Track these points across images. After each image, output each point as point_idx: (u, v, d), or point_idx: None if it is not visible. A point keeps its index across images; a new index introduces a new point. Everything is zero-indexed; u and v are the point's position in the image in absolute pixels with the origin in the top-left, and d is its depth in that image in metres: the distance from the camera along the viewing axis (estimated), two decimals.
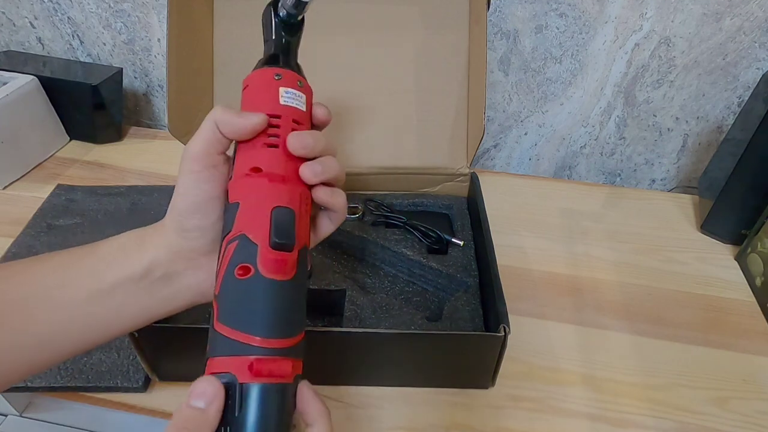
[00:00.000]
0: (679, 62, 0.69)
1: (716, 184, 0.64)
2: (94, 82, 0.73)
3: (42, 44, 0.85)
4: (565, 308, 0.56)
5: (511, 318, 0.41)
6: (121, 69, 0.79)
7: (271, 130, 0.30)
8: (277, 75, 0.33)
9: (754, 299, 0.58)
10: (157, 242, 0.31)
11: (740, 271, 0.62)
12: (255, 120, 0.30)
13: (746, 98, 0.68)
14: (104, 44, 0.83)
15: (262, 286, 0.27)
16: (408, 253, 0.54)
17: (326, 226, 0.36)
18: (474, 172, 0.60)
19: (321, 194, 0.32)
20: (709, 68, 0.68)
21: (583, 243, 0.65)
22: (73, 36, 0.83)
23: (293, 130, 0.31)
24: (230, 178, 0.30)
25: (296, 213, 0.29)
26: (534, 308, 0.56)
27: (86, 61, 0.85)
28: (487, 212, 0.53)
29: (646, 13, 0.65)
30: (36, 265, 0.30)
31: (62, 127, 0.78)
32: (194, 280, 0.32)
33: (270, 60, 0.34)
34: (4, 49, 0.86)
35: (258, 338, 0.26)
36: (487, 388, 0.47)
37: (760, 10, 0.62)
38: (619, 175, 0.82)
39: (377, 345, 0.43)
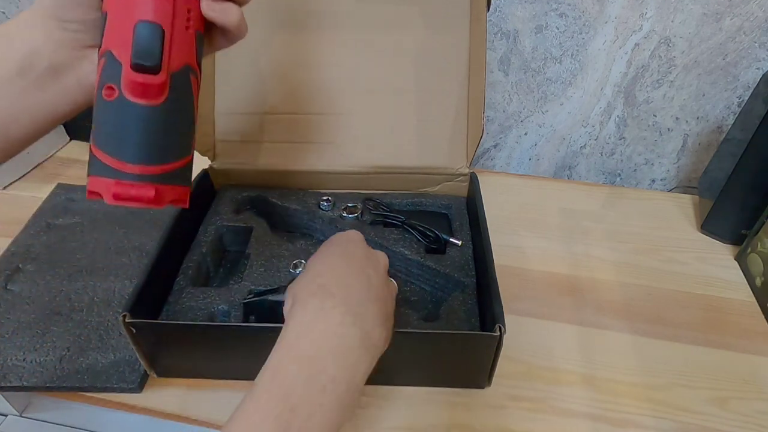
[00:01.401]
0: (679, 62, 0.69)
1: (716, 184, 0.64)
2: None
3: None
4: (564, 308, 0.56)
5: (510, 318, 0.41)
6: None
7: None
8: None
9: (754, 299, 0.58)
10: (31, 34, 0.28)
11: (740, 271, 0.62)
12: None
13: (746, 98, 0.68)
14: None
15: (125, 110, 0.26)
16: (406, 252, 0.54)
17: (220, 43, 0.32)
18: (473, 172, 0.60)
19: (206, 8, 0.28)
20: (709, 68, 0.68)
21: (583, 243, 0.65)
22: None
23: None
24: None
25: (166, 29, 0.26)
26: (534, 308, 0.56)
27: None
28: (486, 212, 0.53)
29: (646, 13, 0.65)
30: None
31: (62, 127, 0.78)
32: (83, 72, 0.30)
33: None
34: None
35: (120, 162, 0.25)
36: (483, 387, 0.47)
37: (760, 10, 0.62)
38: (619, 175, 0.82)
39: None
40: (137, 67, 0.25)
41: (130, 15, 0.25)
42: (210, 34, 0.30)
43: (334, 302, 0.31)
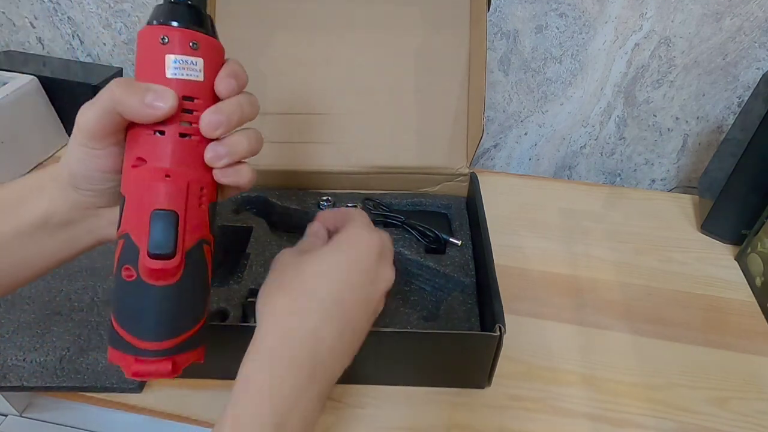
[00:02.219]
0: (679, 62, 0.69)
1: (716, 184, 0.64)
2: (94, 82, 0.73)
3: (42, 44, 0.85)
4: (564, 308, 0.56)
5: (510, 318, 0.41)
6: (121, 69, 0.79)
7: None
8: (163, 38, 0.26)
9: (754, 299, 0.58)
10: (47, 197, 0.30)
11: (740, 271, 0.62)
12: (159, 111, 0.26)
13: (746, 98, 0.68)
14: (104, 44, 0.83)
15: (143, 292, 0.27)
16: (405, 252, 0.54)
17: (231, 193, 0.33)
18: (473, 172, 0.60)
19: (221, 176, 0.29)
20: (709, 68, 0.68)
21: (583, 243, 0.65)
22: (73, 36, 0.83)
23: (184, 110, 0.27)
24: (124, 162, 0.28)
25: (180, 213, 0.27)
26: (533, 308, 0.56)
27: (86, 61, 0.85)
28: (486, 212, 0.53)
29: (646, 13, 0.65)
30: None
31: (62, 127, 0.78)
32: (94, 226, 0.31)
33: (160, 12, 0.27)
34: (4, 49, 0.86)
35: (138, 340, 0.27)
36: (483, 387, 0.47)
37: (760, 10, 0.62)
38: (619, 175, 0.82)
39: (374, 344, 0.43)
40: (154, 256, 0.26)
41: (146, 202, 0.26)
42: (222, 189, 0.31)
43: (313, 307, 0.29)
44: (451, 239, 0.55)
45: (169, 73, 0.26)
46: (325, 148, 0.60)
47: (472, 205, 0.57)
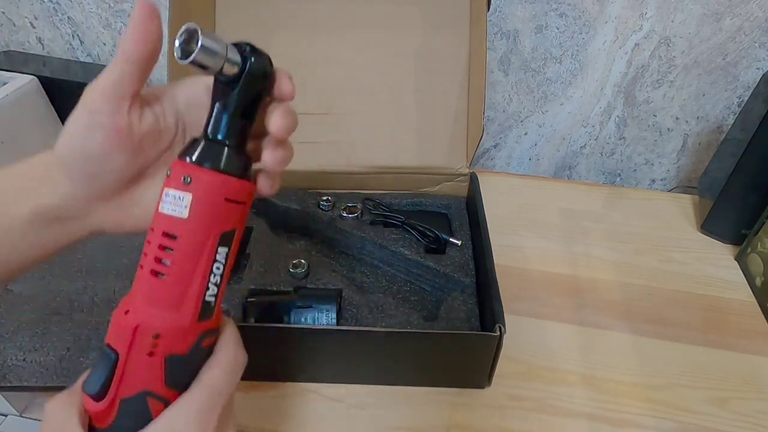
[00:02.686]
0: (679, 62, 0.69)
1: (716, 184, 0.64)
2: None
3: (42, 44, 0.85)
4: (564, 308, 0.56)
5: (510, 318, 0.41)
6: None
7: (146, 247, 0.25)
8: (168, 170, 0.25)
9: (754, 299, 0.58)
10: (45, 188, 0.28)
11: (740, 271, 0.61)
12: None
13: (746, 98, 0.68)
14: (104, 44, 0.83)
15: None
16: (406, 252, 0.54)
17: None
18: (473, 172, 0.60)
19: (272, 161, 0.27)
20: (709, 68, 0.68)
21: (583, 243, 0.65)
22: (73, 36, 0.83)
23: (160, 247, 0.25)
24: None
25: (121, 357, 0.25)
26: (533, 308, 0.56)
27: (86, 61, 0.85)
28: (486, 212, 0.53)
29: (646, 13, 0.65)
30: None
31: (62, 126, 0.78)
32: (87, 219, 0.29)
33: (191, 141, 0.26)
34: (4, 49, 0.86)
35: None
36: (483, 387, 0.47)
37: (760, 10, 0.62)
38: (619, 175, 0.82)
39: (374, 344, 0.43)
40: (84, 392, 0.25)
41: (108, 334, 0.25)
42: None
43: None
44: (451, 239, 0.55)
45: (160, 207, 0.25)
46: (325, 148, 0.60)
47: (472, 205, 0.57)
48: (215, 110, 0.26)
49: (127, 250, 0.59)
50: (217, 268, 0.26)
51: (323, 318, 0.46)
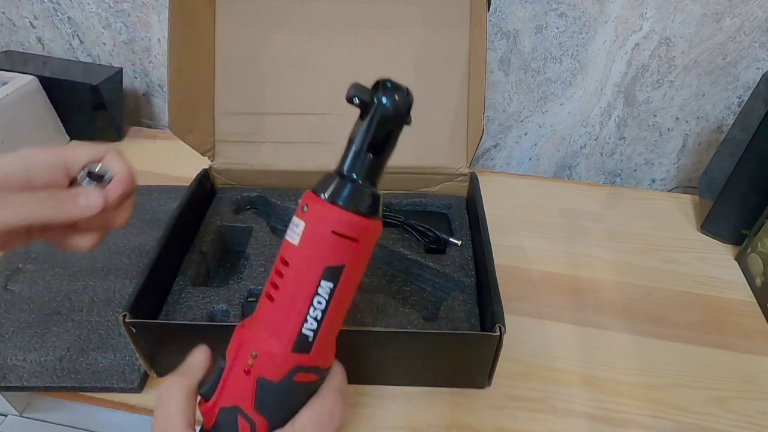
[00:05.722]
0: (679, 62, 0.69)
1: (716, 184, 0.64)
2: (94, 82, 0.73)
3: (42, 44, 0.85)
4: (564, 308, 0.56)
5: (510, 318, 0.41)
6: (121, 69, 0.79)
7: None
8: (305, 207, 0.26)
9: (754, 299, 0.58)
10: None
11: (740, 271, 0.61)
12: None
13: (746, 98, 0.68)
14: (104, 44, 0.83)
15: None
16: (406, 252, 0.54)
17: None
18: (473, 172, 0.60)
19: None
20: (709, 68, 0.68)
21: (583, 243, 0.65)
22: (73, 36, 0.83)
23: (276, 271, 0.26)
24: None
25: (227, 366, 0.27)
26: (534, 308, 0.56)
27: (86, 61, 0.85)
28: (486, 212, 0.53)
29: (646, 13, 0.65)
30: None
31: (62, 127, 0.78)
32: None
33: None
34: (4, 49, 0.86)
35: None
36: (483, 387, 0.47)
37: (760, 10, 0.62)
38: (619, 175, 0.82)
39: (374, 344, 0.43)
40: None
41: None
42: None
43: None
44: (451, 239, 0.55)
45: (286, 233, 0.26)
46: (325, 148, 0.60)
47: (472, 205, 0.57)
48: (347, 144, 0.27)
49: (127, 250, 0.59)
50: (319, 303, 0.25)
51: None
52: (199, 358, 0.29)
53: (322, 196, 0.25)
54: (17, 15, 0.82)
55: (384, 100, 0.26)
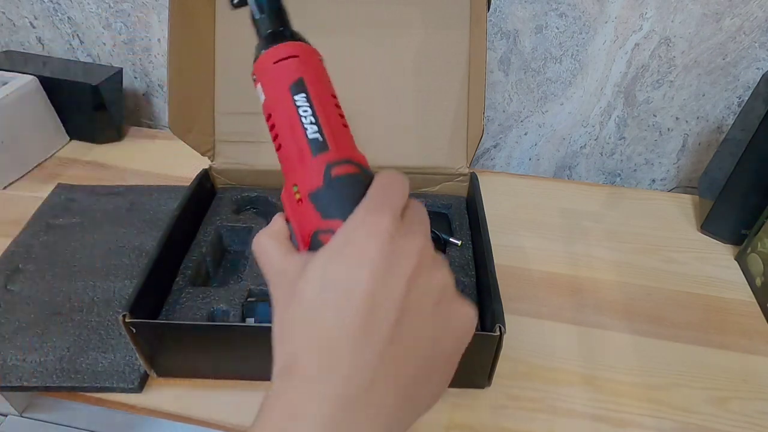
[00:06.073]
0: (679, 62, 0.69)
1: (716, 184, 0.64)
2: (94, 82, 0.73)
3: (42, 44, 0.85)
4: (564, 308, 0.56)
5: (510, 318, 0.41)
6: (121, 69, 0.79)
7: None
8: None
9: (754, 299, 0.58)
10: None
11: (740, 271, 0.62)
12: None
13: (746, 98, 0.68)
14: (104, 44, 0.83)
15: None
16: None
17: None
18: (473, 172, 0.60)
19: None
20: (709, 68, 0.68)
21: (583, 243, 0.65)
22: (73, 36, 0.83)
23: (270, 130, 0.32)
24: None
25: (287, 217, 0.30)
26: (534, 308, 0.56)
27: (86, 61, 0.85)
28: (486, 212, 0.53)
29: (646, 13, 0.65)
30: None
31: (62, 127, 0.78)
32: None
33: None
34: (4, 49, 0.86)
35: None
36: (483, 387, 0.47)
37: (760, 10, 0.62)
38: (619, 175, 0.82)
39: None
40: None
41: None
42: None
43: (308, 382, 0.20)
44: (451, 239, 0.55)
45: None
46: None
47: (472, 205, 0.57)
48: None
49: (127, 250, 0.59)
50: (304, 111, 0.30)
51: None
52: (278, 220, 0.30)
53: (255, 56, 0.32)
54: (17, 15, 0.82)
55: None
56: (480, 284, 0.50)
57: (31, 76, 0.72)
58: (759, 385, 0.49)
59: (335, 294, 0.21)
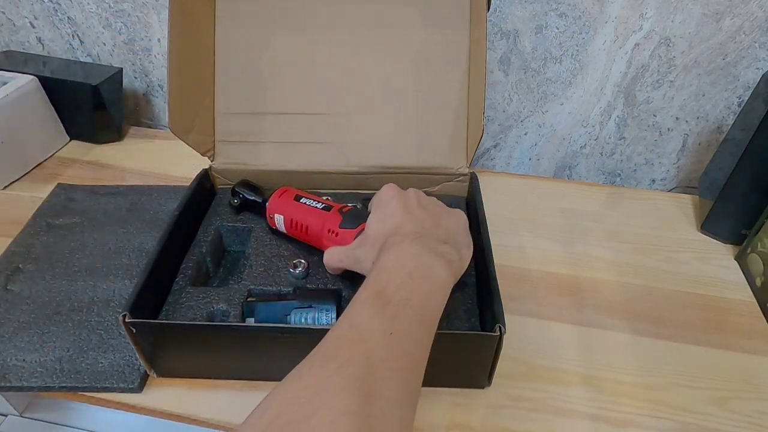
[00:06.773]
0: (679, 62, 0.69)
1: (716, 184, 0.64)
2: (94, 82, 0.73)
3: (42, 44, 0.85)
4: (564, 308, 0.56)
5: (510, 318, 0.41)
6: (121, 69, 0.79)
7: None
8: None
9: (754, 299, 0.58)
10: None
11: (740, 271, 0.62)
12: None
13: (746, 98, 0.68)
14: (104, 44, 0.83)
15: None
16: None
17: None
18: (473, 172, 0.60)
19: None
20: (709, 68, 0.68)
21: (583, 243, 0.65)
22: (73, 36, 0.83)
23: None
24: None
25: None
26: (534, 308, 0.56)
27: (86, 61, 0.85)
28: (486, 212, 0.53)
29: (646, 13, 0.65)
30: None
31: (62, 127, 0.78)
32: None
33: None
34: (4, 49, 0.86)
35: None
36: (483, 387, 0.47)
37: (760, 10, 0.62)
38: (619, 175, 0.82)
39: None
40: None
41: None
42: None
43: (406, 237, 0.40)
44: None
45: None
46: (325, 148, 0.60)
47: (472, 205, 0.57)
48: None
49: (127, 250, 0.59)
50: (305, 201, 0.53)
51: (323, 318, 0.46)
52: (327, 251, 0.49)
53: (265, 214, 0.56)
54: (17, 15, 0.82)
55: None
56: (480, 284, 0.50)
57: (31, 76, 0.72)
58: (759, 385, 0.49)
59: (388, 211, 0.44)
